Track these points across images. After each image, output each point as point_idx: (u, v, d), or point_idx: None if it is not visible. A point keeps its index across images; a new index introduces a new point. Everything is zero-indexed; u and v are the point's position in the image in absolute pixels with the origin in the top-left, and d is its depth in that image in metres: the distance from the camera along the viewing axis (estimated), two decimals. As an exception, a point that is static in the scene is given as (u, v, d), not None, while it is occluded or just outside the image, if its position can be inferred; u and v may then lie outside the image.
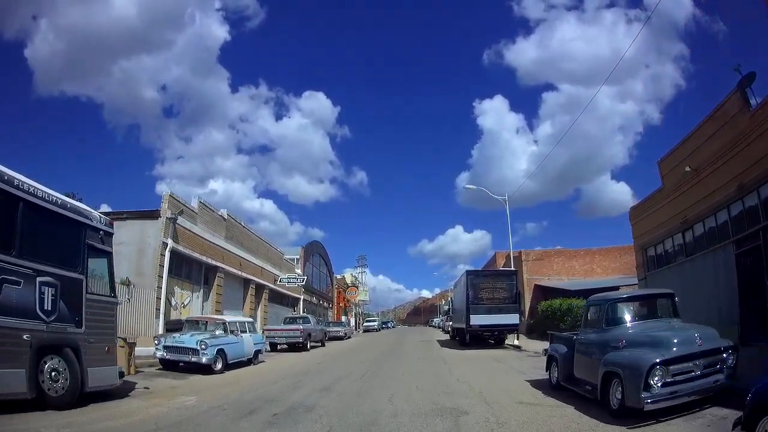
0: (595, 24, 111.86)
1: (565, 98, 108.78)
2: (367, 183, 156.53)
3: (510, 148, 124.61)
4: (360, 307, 75.07)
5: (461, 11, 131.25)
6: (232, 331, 13.88)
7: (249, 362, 14.66)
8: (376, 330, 53.34)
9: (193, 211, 20.93)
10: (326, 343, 25.37)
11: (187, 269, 20.96)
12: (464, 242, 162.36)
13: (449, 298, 44.92)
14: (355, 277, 71.98)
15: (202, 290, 22.13)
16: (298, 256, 39.28)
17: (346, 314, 58.86)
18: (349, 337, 33.75)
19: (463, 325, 20.31)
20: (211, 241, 22.23)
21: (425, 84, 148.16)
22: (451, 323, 29.88)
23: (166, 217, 18.07)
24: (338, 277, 59.10)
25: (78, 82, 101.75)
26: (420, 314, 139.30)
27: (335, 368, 13.52)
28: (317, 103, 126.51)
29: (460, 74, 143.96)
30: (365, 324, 56.66)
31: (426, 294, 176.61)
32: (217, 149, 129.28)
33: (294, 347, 21.05)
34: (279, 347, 21.43)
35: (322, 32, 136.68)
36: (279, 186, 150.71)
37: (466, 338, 20.26)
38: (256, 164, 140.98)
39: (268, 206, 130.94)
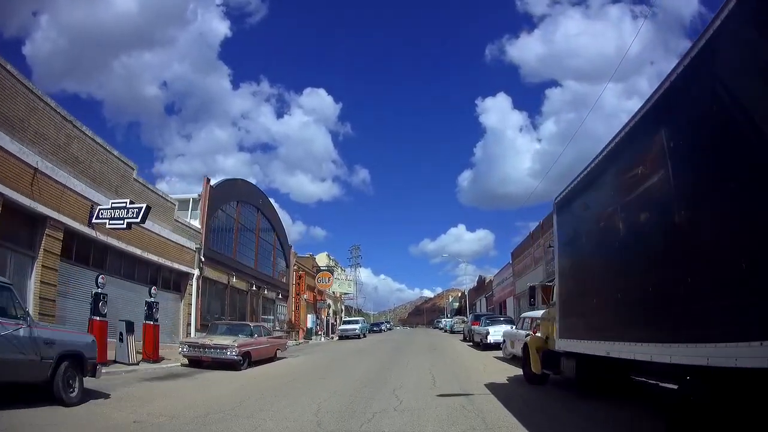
0: (600, 19, 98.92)
1: (570, 95, 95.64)
2: (369, 181, 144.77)
3: (514, 146, 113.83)
4: (342, 302, 56.07)
5: (463, 6, 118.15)
6: None
7: None
8: (358, 336, 34.31)
9: None
10: (131, 387, 6.84)
11: None
12: (467, 241, 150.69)
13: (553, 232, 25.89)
14: (334, 260, 52.82)
15: None
16: (195, 196, 20.65)
17: (315, 312, 40.14)
18: (270, 359, 14.85)
19: None
20: None
21: (428, 81, 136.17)
22: (556, 325, 7.56)
23: None
24: (305, 256, 40.29)
25: (78, 79, 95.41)
26: (422, 314, 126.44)
27: None
28: (319, 100, 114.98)
29: (463, 71, 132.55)
30: (341, 328, 37.25)
31: (428, 293, 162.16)
32: (218, 147, 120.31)
33: None
34: None
35: (323, 28, 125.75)
36: (281, 184, 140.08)
37: None
38: (258, 162, 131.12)
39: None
